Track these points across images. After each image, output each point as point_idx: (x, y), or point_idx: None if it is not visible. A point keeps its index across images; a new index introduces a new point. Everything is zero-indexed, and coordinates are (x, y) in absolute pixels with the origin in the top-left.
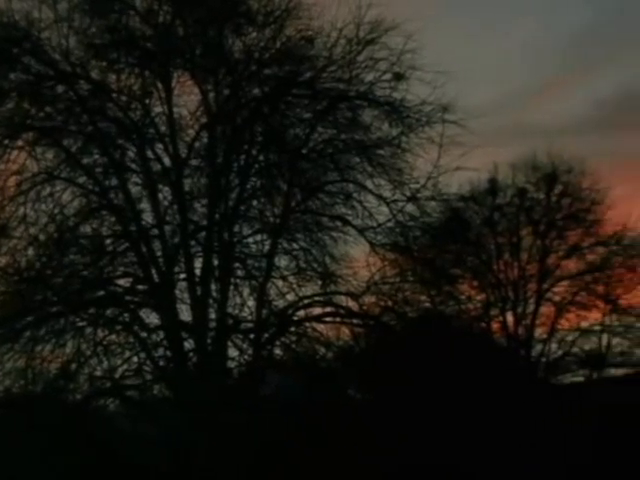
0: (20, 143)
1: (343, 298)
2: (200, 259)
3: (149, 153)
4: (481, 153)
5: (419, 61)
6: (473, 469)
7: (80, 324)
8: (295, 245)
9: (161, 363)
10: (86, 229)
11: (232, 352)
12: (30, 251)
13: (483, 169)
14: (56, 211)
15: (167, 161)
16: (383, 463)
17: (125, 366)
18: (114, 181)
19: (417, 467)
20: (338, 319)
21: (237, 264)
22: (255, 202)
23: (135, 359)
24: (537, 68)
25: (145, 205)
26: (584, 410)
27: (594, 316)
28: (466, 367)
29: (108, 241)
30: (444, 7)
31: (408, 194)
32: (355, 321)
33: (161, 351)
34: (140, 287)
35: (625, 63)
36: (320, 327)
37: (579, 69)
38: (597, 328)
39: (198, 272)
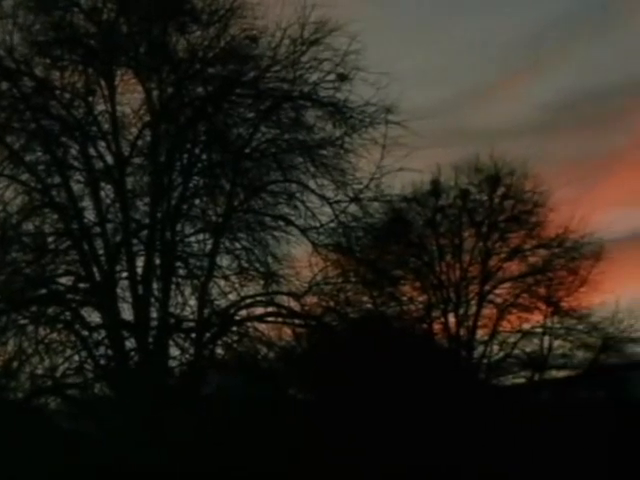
0: None
1: (285, 298)
2: (142, 258)
3: (92, 151)
4: (424, 154)
5: (363, 62)
6: (415, 468)
7: (22, 322)
8: (237, 244)
9: (102, 362)
10: (28, 227)
11: (173, 351)
12: None
13: (426, 170)
14: None
15: (110, 159)
16: (326, 462)
17: (66, 364)
18: (57, 179)
19: (359, 466)
20: (280, 319)
21: (179, 263)
22: (197, 201)
23: (76, 357)
24: (481, 70)
25: (87, 203)
26: (525, 412)
27: (536, 318)
28: (407, 368)
29: (50, 239)
30: (389, 8)
31: (351, 195)
32: (297, 321)
33: (102, 350)
34: (82, 285)
35: (568, 66)
36: (262, 327)
37: (522, 72)
38: (539, 330)
39: (140, 271)
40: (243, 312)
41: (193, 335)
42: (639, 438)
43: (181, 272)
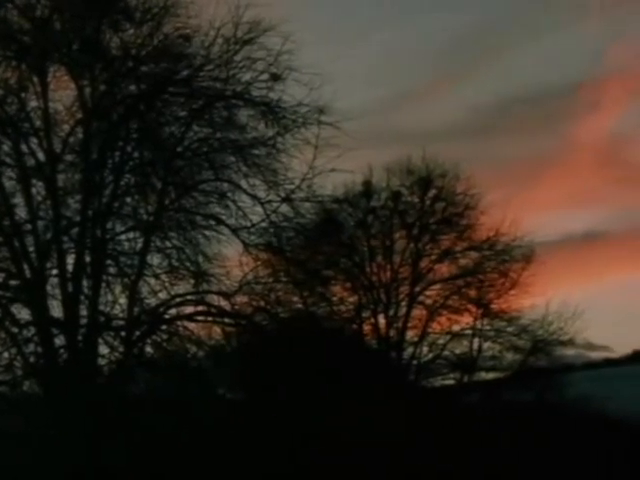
0: None
1: (215, 297)
2: (72, 255)
3: (24, 147)
4: (356, 155)
5: (296, 62)
6: (343, 468)
7: None
8: (168, 243)
9: (32, 359)
10: None
11: (103, 349)
12: None
13: (358, 171)
14: None
15: (41, 156)
16: (257, 461)
17: None
18: None
19: (290, 466)
20: (210, 318)
21: (109, 261)
22: (129, 199)
23: (6, 354)
24: (414, 72)
25: (18, 200)
26: (454, 412)
27: (465, 320)
28: (337, 369)
29: None
30: (323, 8)
31: (282, 195)
32: (227, 320)
33: (32, 347)
34: (12, 282)
35: (501, 70)
36: (191, 326)
37: (455, 74)
38: (468, 332)
39: (70, 268)
40: (173, 311)
41: (123, 333)
42: (569, 440)
43: (111, 270)
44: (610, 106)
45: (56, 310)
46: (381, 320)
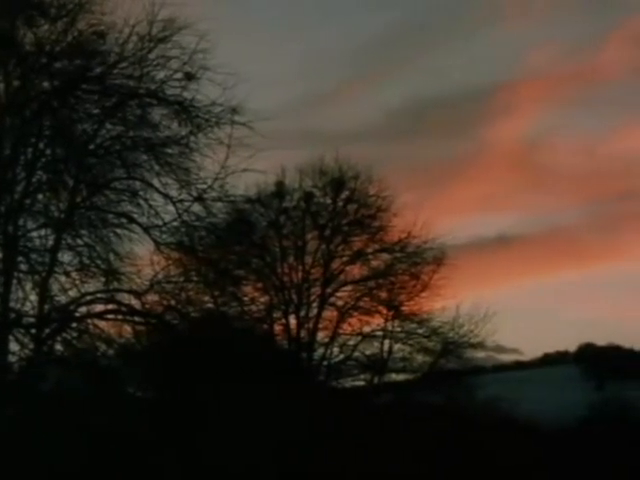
0: None
1: (126, 296)
2: None
3: None
4: (269, 156)
5: (211, 61)
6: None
7: None
8: (79, 241)
9: None
10: None
11: (13, 346)
12: None
13: (271, 172)
14: None
15: None
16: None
17: None
18: None
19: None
20: (120, 316)
21: (20, 258)
22: (40, 196)
23: None
24: (328, 74)
25: None
26: (364, 413)
27: (376, 321)
28: (248, 369)
29: None
30: (239, 9)
31: (195, 194)
32: (137, 319)
33: None
34: None
35: (414, 73)
36: (102, 324)
37: (369, 77)
38: (379, 333)
39: None
40: (83, 309)
41: (33, 331)
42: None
43: (22, 267)
44: (525, 110)
45: None
46: (292, 321)
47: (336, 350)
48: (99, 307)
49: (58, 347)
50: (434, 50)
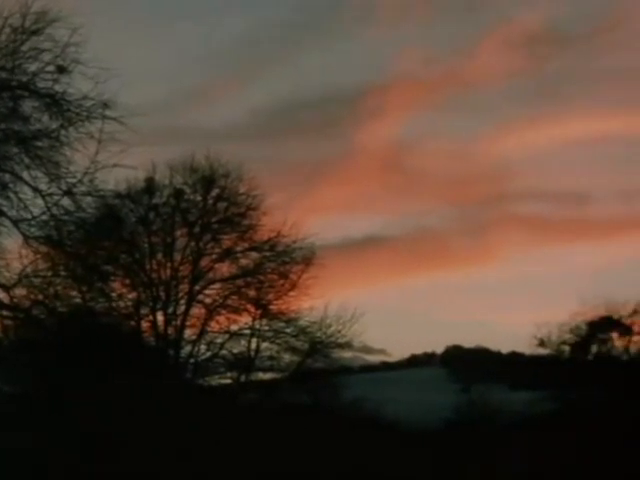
0: None
1: None
2: None
3: None
4: (140, 152)
5: (84, 55)
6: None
7: None
8: None
9: None
10: None
11: None
12: None
13: (141, 168)
14: None
15: None
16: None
17: None
18: None
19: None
20: None
21: None
22: None
23: None
24: (200, 71)
25: None
26: (231, 411)
27: (244, 320)
28: (115, 364)
29: None
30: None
31: (64, 188)
32: (5, 313)
33: None
34: None
35: (285, 73)
36: None
37: (240, 75)
38: (247, 332)
39: None
40: None
41: None
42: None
43: None
44: (395, 113)
45: None
46: (160, 317)
47: (203, 348)
48: None
49: None
50: (306, 50)
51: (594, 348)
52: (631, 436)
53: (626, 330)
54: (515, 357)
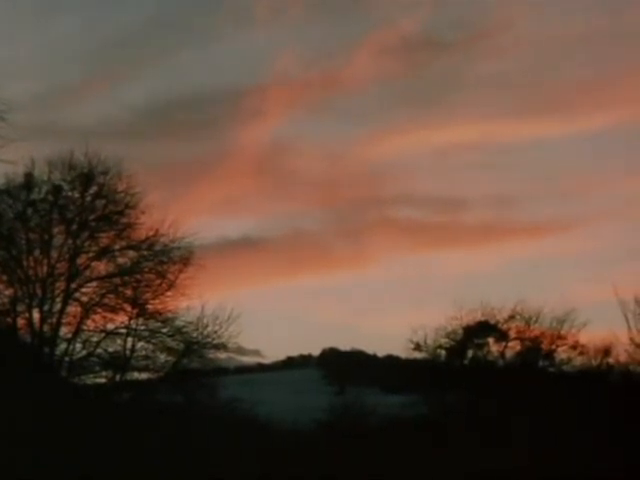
0: None
1: None
2: None
3: None
4: (19, 147)
5: None
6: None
7: None
8: None
9: None
10: None
11: None
12: None
13: (20, 163)
14: None
15: None
16: None
17: None
18: None
19: None
20: None
21: None
22: None
23: None
24: (77, 67)
25: None
26: (106, 411)
27: (120, 319)
28: None
29: None
30: None
31: None
32: None
33: None
34: None
35: (163, 71)
36: None
37: (117, 72)
38: (123, 331)
39: None
40: None
41: None
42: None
43: None
44: (271, 115)
45: None
46: (36, 315)
47: (79, 346)
48: None
49: None
50: (182, 51)
51: (470, 353)
52: (493, 437)
53: (502, 336)
54: (390, 360)
